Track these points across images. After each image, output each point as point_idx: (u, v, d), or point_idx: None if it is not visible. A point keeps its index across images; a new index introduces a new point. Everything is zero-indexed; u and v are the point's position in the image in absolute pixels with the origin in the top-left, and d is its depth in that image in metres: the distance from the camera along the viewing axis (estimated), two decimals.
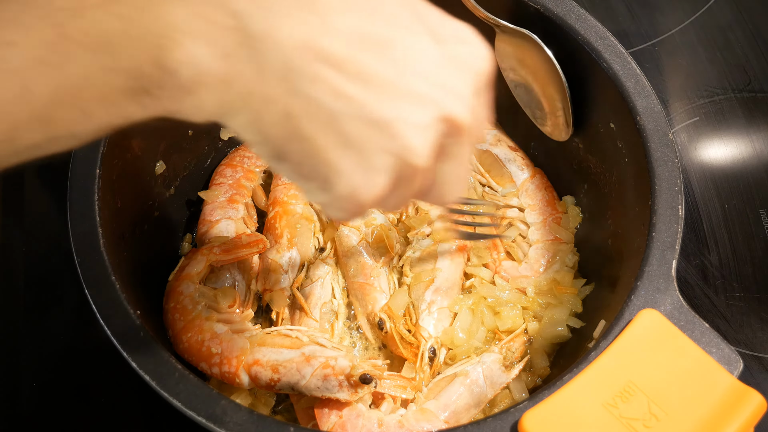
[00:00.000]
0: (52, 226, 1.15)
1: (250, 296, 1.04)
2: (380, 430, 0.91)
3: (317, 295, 1.04)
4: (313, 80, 0.51)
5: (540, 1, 0.99)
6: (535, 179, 1.12)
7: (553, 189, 1.13)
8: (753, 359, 1.09)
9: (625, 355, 0.77)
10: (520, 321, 1.04)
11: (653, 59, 1.34)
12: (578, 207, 1.10)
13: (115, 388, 1.04)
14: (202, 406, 0.76)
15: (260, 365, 0.91)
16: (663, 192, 0.88)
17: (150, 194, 1.04)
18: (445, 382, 0.97)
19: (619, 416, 0.73)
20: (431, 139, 0.55)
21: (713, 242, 1.18)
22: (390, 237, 1.07)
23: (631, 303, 0.82)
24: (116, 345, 0.80)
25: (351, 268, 1.06)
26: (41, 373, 1.06)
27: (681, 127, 1.28)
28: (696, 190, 1.22)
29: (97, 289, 0.83)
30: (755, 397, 0.74)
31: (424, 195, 0.61)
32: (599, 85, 0.98)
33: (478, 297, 1.05)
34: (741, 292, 1.14)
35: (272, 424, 0.76)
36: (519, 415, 0.74)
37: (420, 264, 1.07)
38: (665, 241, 0.85)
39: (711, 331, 0.79)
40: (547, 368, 1.02)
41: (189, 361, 0.94)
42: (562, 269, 1.06)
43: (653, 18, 1.39)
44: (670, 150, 0.90)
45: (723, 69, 1.34)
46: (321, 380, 0.89)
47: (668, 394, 0.74)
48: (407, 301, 1.04)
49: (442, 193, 0.61)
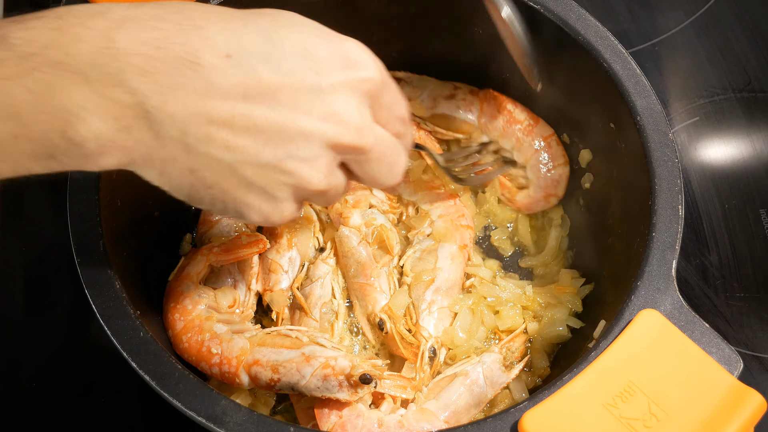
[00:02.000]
0: (52, 226, 1.15)
1: (250, 296, 1.04)
2: (380, 430, 0.91)
3: (317, 295, 1.04)
4: (207, 140, 0.59)
5: (540, 1, 0.99)
6: (485, 112, 1.13)
7: (510, 99, 1.12)
8: (753, 359, 1.09)
9: (625, 355, 0.77)
10: (520, 321, 1.04)
11: (653, 59, 1.34)
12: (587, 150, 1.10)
13: (115, 388, 1.05)
14: (202, 406, 0.76)
15: (260, 365, 0.91)
16: (663, 192, 0.88)
17: (150, 194, 1.04)
18: (445, 382, 0.97)
19: (619, 416, 0.73)
20: (324, 166, 0.63)
21: (713, 242, 1.18)
22: (390, 237, 1.07)
23: (631, 303, 0.82)
24: (116, 345, 0.80)
25: (351, 269, 1.06)
26: (41, 374, 1.06)
27: (681, 127, 1.28)
28: (696, 190, 1.22)
29: (97, 289, 0.83)
30: (755, 397, 0.74)
31: (358, 185, 0.70)
32: (599, 85, 0.98)
33: (478, 297, 1.05)
34: (741, 292, 1.14)
35: (272, 424, 0.76)
36: (519, 415, 0.74)
37: (420, 264, 1.07)
38: (665, 241, 0.85)
39: (711, 331, 0.79)
40: (547, 368, 1.02)
41: (189, 361, 0.94)
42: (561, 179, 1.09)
43: (653, 18, 1.39)
44: (670, 150, 0.90)
45: (723, 69, 1.34)
46: (321, 380, 0.89)
47: (668, 394, 0.74)
48: (407, 301, 1.04)
49: (379, 184, 0.70)
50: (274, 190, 0.63)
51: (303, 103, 0.60)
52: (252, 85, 0.58)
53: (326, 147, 0.62)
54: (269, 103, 0.59)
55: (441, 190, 1.13)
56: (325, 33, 0.63)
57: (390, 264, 1.08)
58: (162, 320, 0.98)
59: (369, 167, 0.67)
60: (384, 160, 0.67)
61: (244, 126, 0.59)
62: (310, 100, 0.60)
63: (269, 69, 0.58)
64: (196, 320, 0.95)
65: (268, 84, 0.58)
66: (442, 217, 1.10)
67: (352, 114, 0.62)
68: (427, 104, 1.15)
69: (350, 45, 0.63)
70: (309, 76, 0.60)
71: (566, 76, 1.04)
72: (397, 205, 1.13)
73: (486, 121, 1.12)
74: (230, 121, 0.58)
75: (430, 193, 1.13)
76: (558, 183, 1.10)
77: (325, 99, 0.61)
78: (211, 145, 0.59)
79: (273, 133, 0.59)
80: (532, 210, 1.13)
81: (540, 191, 1.10)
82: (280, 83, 0.59)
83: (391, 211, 1.12)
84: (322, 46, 0.61)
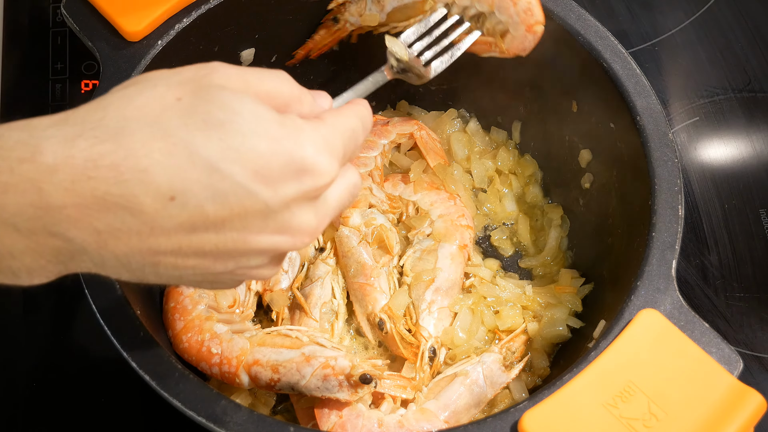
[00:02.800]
0: None
1: (250, 296, 1.04)
2: (380, 430, 0.91)
3: (317, 295, 1.04)
4: (153, 265, 0.57)
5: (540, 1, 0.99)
6: None
7: None
8: (753, 359, 1.09)
9: (625, 355, 0.77)
10: (520, 320, 1.04)
11: (653, 59, 1.34)
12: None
13: (115, 388, 1.04)
14: (202, 406, 0.76)
15: (260, 365, 0.91)
16: (663, 192, 0.88)
17: None
18: (445, 382, 0.97)
19: (619, 416, 0.73)
20: (277, 265, 0.63)
21: (713, 242, 1.18)
22: (390, 237, 1.07)
23: (631, 303, 0.82)
24: (116, 345, 0.80)
25: (351, 269, 1.06)
26: (41, 373, 1.06)
27: (681, 127, 1.28)
28: (696, 190, 1.22)
29: (97, 289, 0.83)
30: (755, 397, 0.74)
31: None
32: (599, 85, 0.98)
33: (478, 296, 1.05)
34: (741, 292, 1.14)
35: (272, 424, 0.76)
36: (519, 415, 0.74)
37: (420, 264, 1.07)
38: (665, 241, 0.85)
39: (711, 331, 0.79)
40: (547, 368, 1.02)
41: (189, 361, 0.94)
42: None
43: (653, 18, 1.39)
44: (670, 150, 0.90)
45: (723, 69, 1.34)
46: (321, 380, 0.89)
47: (668, 394, 0.74)
48: (407, 301, 1.04)
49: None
50: (223, 285, 0.63)
51: (253, 225, 0.57)
52: (198, 221, 0.55)
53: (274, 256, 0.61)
54: (217, 230, 0.56)
55: (441, 190, 1.13)
56: (277, 134, 0.57)
57: (390, 264, 1.08)
58: (162, 320, 0.98)
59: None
60: (337, 216, 0.67)
61: (192, 252, 0.57)
62: (261, 221, 0.57)
63: (216, 204, 0.54)
64: (196, 320, 0.95)
65: (215, 218, 0.55)
66: (442, 217, 1.11)
67: (307, 222, 0.60)
68: (376, 10, 1.08)
69: (305, 149, 0.57)
70: (258, 202, 0.56)
71: (566, 76, 1.04)
72: (397, 205, 1.13)
73: None
74: (176, 251, 0.56)
75: (430, 193, 1.13)
76: (530, 9, 0.98)
77: (277, 217, 0.57)
78: (158, 267, 0.57)
79: (222, 254, 0.58)
80: (524, 50, 1.02)
81: (520, 27, 1.00)
82: (228, 215, 0.55)
83: (391, 211, 1.12)
84: (273, 159, 0.56)
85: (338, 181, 0.63)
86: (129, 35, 0.97)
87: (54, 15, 1.34)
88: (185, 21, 0.99)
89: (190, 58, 1.01)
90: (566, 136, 1.10)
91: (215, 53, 1.06)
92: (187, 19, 1.00)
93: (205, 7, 1.01)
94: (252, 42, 1.10)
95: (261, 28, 1.09)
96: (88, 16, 0.99)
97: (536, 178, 1.18)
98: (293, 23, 1.12)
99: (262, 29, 1.09)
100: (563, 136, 1.11)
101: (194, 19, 1.00)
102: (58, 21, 1.33)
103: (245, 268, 0.60)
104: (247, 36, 1.09)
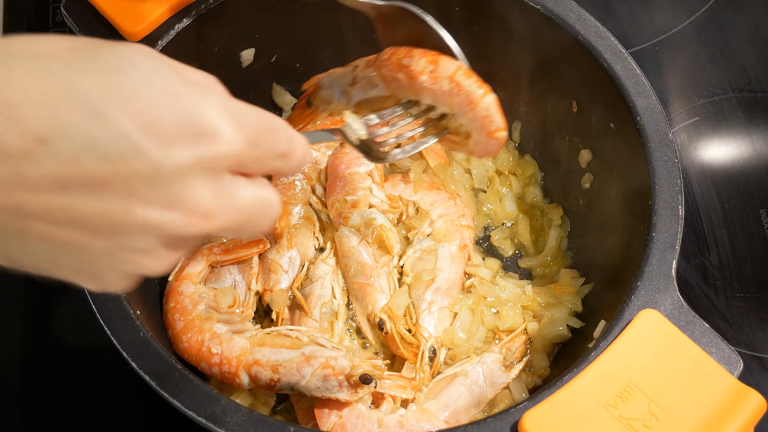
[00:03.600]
0: None
1: (250, 296, 1.04)
2: (380, 430, 0.91)
3: (317, 295, 1.04)
4: (20, 232, 0.49)
5: (540, 1, 0.99)
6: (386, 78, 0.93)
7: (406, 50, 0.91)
8: (753, 359, 1.09)
9: (625, 356, 0.77)
10: (520, 320, 1.04)
11: (653, 59, 1.34)
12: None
13: (115, 388, 1.04)
14: (202, 406, 0.76)
15: (260, 365, 0.91)
16: (663, 192, 0.88)
17: None
18: (445, 382, 0.97)
19: (619, 416, 0.73)
20: (163, 253, 0.53)
21: (713, 242, 1.18)
22: (390, 237, 1.07)
23: (631, 303, 0.82)
24: (116, 345, 0.80)
25: (351, 269, 1.06)
26: (41, 373, 1.06)
27: (681, 127, 1.28)
28: (696, 190, 1.22)
29: None
30: (755, 397, 0.74)
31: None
32: (599, 85, 0.98)
33: (478, 296, 1.05)
34: (741, 292, 1.14)
35: (272, 424, 0.76)
36: (519, 415, 0.74)
37: (420, 264, 1.07)
38: (665, 241, 0.85)
39: (711, 331, 0.79)
40: (547, 368, 1.02)
41: (189, 361, 0.94)
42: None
43: (653, 18, 1.39)
44: (670, 150, 0.90)
45: (723, 69, 1.34)
46: (321, 380, 0.89)
47: (668, 394, 0.74)
48: (407, 301, 1.04)
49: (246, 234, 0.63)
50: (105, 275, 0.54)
51: (138, 191, 0.49)
52: (73, 176, 0.47)
53: (161, 242, 0.52)
54: (94, 191, 0.48)
55: (441, 190, 1.13)
56: (176, 89, 0.50)
57: (390, 264, 1.07)
58: (162, 320, 0.98)
59: (227, 236, 0.58)
60: (245, 227, 0.56)
61: (64, 219, 0.49)
62: (148, 187, 0.49)
63: (93, 156, 0.47)
64: (196, 320, 0.95)
65: (92, 174, 0.47)
66: (442, 217, 1.10)
67: (202, 199, 0.51)
68: (344, 100, 1.00)
69: (206, 108, 0.50)
70: (145, 161, 0.48)
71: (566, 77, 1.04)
72: (397, 205, 1.13)
73: (395, 87, 0.93)
74: (46, 214, 0.48)
75: (430, 193, 1.13)
76: (489, 116, 0.88)
77: (167, 186, 0.49)
78: (26, 237, 0.49)
79: (100, 225, 0.49)
80: (489, 154, 0.93)
81: (481, 132, 0.91)
82: (108, 172, 0.47)
83: (391, 211, 1.12)
84: (167, 113, 0.49)
85: (253, 184, 0.56)
86: (129, 35, 0.97)
87: (54, 15, 1.34)
88: (185, 21, 0.99)
89: (190, 58, 1.02)
90: (566, 136, 1.10)
91: (215, 53, 1.06)
92: (187, 19, 1.00)
93: (204, 7, 1.01)
94: (252, 42, 1.11)
95: (261, 28, 1.09)
96: (87, 16, 0.99)
97: (536, 179, 1.18)
98: (293, 23, 1.12)
99: (262, 29, 1.10)
100: (563, 136, 1.11)
101: (194, 19, 1.00)
102: (58, 21, 1.33)
103: (129, 251, 0.52)
104: (247, 36, 1.10)
